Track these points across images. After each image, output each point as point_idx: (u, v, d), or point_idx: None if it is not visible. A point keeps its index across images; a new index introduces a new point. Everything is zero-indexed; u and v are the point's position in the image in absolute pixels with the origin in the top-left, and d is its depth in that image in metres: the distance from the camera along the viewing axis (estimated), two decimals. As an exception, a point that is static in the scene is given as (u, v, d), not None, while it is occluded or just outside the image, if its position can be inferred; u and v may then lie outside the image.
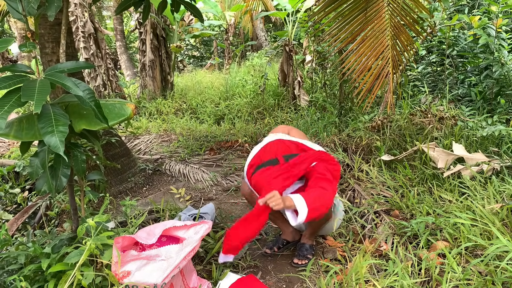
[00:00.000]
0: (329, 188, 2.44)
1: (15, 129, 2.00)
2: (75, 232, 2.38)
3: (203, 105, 8.21)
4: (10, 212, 4.68)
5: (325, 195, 2.41)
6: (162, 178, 4.75)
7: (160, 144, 6.18)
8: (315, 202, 2.35)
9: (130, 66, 12.83)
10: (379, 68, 3.37)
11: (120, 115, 2.09)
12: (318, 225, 2.78)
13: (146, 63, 8.86)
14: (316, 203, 2.35)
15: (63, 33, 2.25)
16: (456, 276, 2.18)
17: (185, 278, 2.37)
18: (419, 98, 5.28)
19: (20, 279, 2.02)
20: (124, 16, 17.72)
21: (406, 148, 4.06)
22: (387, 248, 2.72)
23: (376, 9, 3.40)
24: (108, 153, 4.22)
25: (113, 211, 3.88)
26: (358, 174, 3.88)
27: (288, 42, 7.11)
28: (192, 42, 18.72)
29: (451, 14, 5.68)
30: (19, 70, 1.79)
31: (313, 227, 2.81)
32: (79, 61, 2.20)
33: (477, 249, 2.48)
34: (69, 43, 3.84)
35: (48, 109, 1.71)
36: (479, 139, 3.83)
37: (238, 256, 2.90)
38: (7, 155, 5.90)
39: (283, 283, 2.64)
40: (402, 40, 3.46)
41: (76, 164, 2.10)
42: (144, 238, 2.24)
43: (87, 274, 2.02)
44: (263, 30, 16.64)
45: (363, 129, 4.68)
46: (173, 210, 3.57)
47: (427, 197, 3.19)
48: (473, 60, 5.16)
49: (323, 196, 2.40)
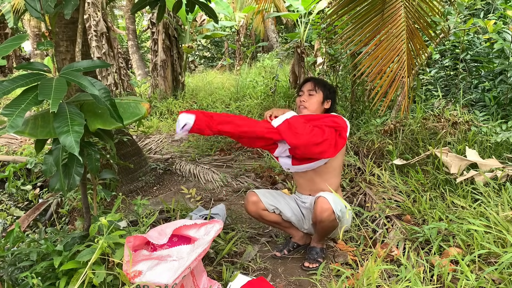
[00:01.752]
0: (321, 133, 2.55)
1: (31, 126, 2.01)
2: (87, 230, 2.39)
3: (213, 106, 8.22)
4: (22, 209, 4.72)
5: (314, 131, 2.55)
6: (172, 178, 4.76)
7: (171, 144, 6.20)
8: (299, 127, 2.53)
9: (141, 66, 12.88)
10: (394, 72, 3.35)
11: (135, 114, 2.09)
12: (324, 232, 2.78)
13: (157, 63, 8.89)
14: (300, 129, 2.52)
15: (79, 31, 2.27)
16: (470, 284, 2.15)
17: (196, 279, 2.37)
18: (432, 103, 5.23)
19: (32, 276, 2.03)
20: (136, 15, 17.81)
21: (418, 152, 4.02)
22: (398, 253, 2.70)
23: (392, 11, 3.37)
24: (120, 152, 4.24)
25: (125, 210, 3.89)
26: (370, 178, 3.85)
27: (300, 44, 7.10)
28: (203, 43, 18.77)
29: (466, 18, 5.62)
30: (36, 68, 1.80)
31: (319, 233, 2.81)
32: (94, 60, 2.21)
33: (491, 256, 2.45)
34: (83, 42, 3.86)
35: (64, 108, 1.72)
36: (493, 145, 3.78)
37: (248, 258, 2.90)
38: (19, 152, 5.96)
39: (293, 286, 2.62)
40: (415, 44, 3.43)
41: (90, 163, 2.10)
42: (155, 238, 2.24)
43: (99, 273, 2.03)
44: (274, 32, 16.63)
45: (375, 132, 4.65)
46: (183, 210, 3.58)
47: (439, 203, 3.15)
48: (488, 65, 5.11)
49: (312, 131, 2.54)
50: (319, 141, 2.54)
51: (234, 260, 2.88)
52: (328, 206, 2.55)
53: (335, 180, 2.84)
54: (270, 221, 2.91)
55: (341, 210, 2.61)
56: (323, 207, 2.57)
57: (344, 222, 2.74)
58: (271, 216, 2.86)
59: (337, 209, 2.57)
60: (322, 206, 2.57)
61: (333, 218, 2.58)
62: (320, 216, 2.59)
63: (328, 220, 2.59)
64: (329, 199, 2.57)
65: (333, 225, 2.67)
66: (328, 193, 2.64)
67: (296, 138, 2.52)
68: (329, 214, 2.56)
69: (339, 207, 2.59)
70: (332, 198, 2.59)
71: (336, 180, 2.85)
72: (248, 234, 3.28)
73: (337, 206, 2.58)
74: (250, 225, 3.51)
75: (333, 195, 2.63)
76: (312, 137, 2.52)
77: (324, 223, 2.63)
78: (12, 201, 4.98)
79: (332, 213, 2.56)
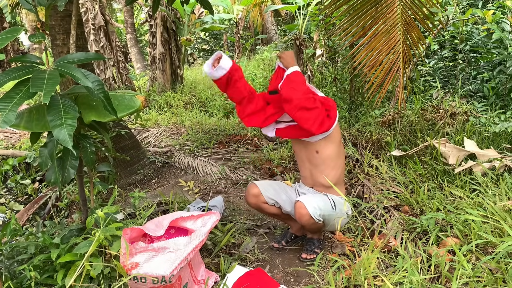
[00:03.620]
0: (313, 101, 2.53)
1: (26, 119, 2.01)
2: (84, 223, 2.40)
3: (212, 99, 8.20)
4: (21, 203, 4.73)
5: (308, 95, 2.52)
6: (171, 171, 4.76)
7: (170, 137, 6.19)
8: (297, 83, 2.53)
9: (140, 59, 12.84)
10: (390, 63, 3.33)
11: (129, 107, 2.09)
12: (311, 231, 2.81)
13: (156, 56, 8.85)
14: (296, 85, 2.52)
15: (74, 24, 2.25)
16: (466, 273, 2.15)
17: (193, 270, 2.38)
18: (430, 93, 5.22)
19: (29, 269, 2.04)
20: (134, 8, 17.73)
21: (416, 143, 4.02)
22: (396, 244, 2.70)
23: (388, 3, 3.36)
24: (118, 145, 4.23)
25: (122, 202, 3.89)
26: (368, 169, 3.85)
27: (299, 36, 7.06)
28: (202, 36, 18.69)
29: (465, 8, 5.59)
30: (29, 61, 1.79)
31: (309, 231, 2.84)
32: (89, 52, 2.20)
33: (488, 246, 2.45)
34: (79, 35, 3.85)
35: (57, 101, 1.71)
36: (491, 135, 3.78)
37: (246, 249, 2.90)
38: (18, 146, 5.95)
39: (291, 277, 2.63)
40: (412, 36, 3.42)
41: (86, 156, 2.10)
42: (152, 230, 2.25)
43: (96, 265, 2.03)
44: (273, 24, 16.53)
45: (373, 124, 4.64)
46: (182, 203, 3.58)
47: (437, 193, 3.15)
48: (486, 56, 5.08)
49: (307, 93, 2.52)
50: (309, 107, 2.49)
51: (232, 252, 2.88)
52: (305, 212, 2.55)
53: (333, 172, 2.74)
54: (270, 213, 2.91)
55: (321, 214, 2.58)
56: (301, 213, 2.57)
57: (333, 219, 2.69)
58: (271, 209, 2.86)
59: (315, 213, 2.55)
60: (300, 212, 2.57)
61: (312, 221, 2.57)
62: (300, 221, 2.62)
63: (308, 224, 2.60)
64: (306, 204, 2.55)
65: (317, 227, 2.68)
66: (309, 197, 2.64)
67: (291, 92, 2.50)
68: (308, 219, 2.56)
69: (318, 211, 2.56)
70: (311, 202, 2.57)
71: (333, 172, 2.75)
72: (246, 225, 3.28)
73: (315, 210, 2.55)
74: (248, 216, 3.52)
75: (316, 198, 2.64)
76: (306, 99, 2.49)
77: (306, 226, 2.66)
78: (12, 195, 4.99)
79: (310, 217, 2.55)
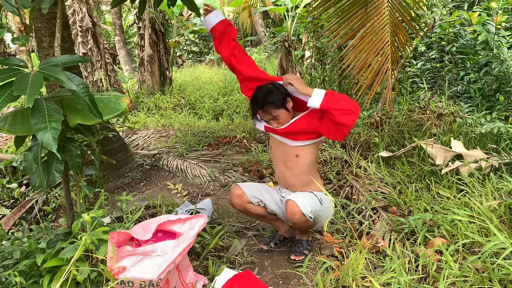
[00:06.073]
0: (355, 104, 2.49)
1: (10, 123, 1.98)
2: (70, 227, 2.37)
3: (201, 101, 8.18)
4: (7, 207, 4.67)
5: (353, 101, 2.48)
6: (159, 174, 4.74)
7: (158, 140, 6.17)
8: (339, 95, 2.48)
9: (129, 61, 12.77)
10: (379, 65, 3.35)
11: (115, 109, 2.07)
12: (301, 230, 2.81)
13: (144, 58, 8.82)
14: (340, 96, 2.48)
15: (58, 26, 2.23)
16: (453, 273, 2.17)
17: (181, 274, 2.36)
18: (418, 95, 5.25)
19: (15, 274, 2.01)
20: (123, 10, 17.63)
21: (404, 144, 4.04)
22: (384, 244, 2.71)
23: (376, 5, 3.38)
24: (105, 148, 4.20)
25: (109, 206, 3.86)
26: (356, 171, 3.86)
27: (288, 38, 7.07)
28: (191, 37, 18.65)
29: (451, 10, 5.65)
30: (12, 64, 1.76)
31: (299, 231, 2.84)
32: (74, 55, 2.18)
33: (475, 246, 2.47)
34: (65, 37, 3.82)
35: (41, 104, 1.69)
36: (478, 136, 3.81)
37: (235, 252, 2.90)
38: (5, 149, 5.88)
39: (279, 279, 2.63)
40: (400, 38, 3.44)
41: (71, 159, 2.08)
42: (139, 234, 2.23)
43: (82, 270, 2.01)
44: (262, 26, 16.57)
45: (361, 125, 4.66)
46: (170, 206, 3.56)
47: (425, 194, 3.17)
48: (473, 57, 5.14)
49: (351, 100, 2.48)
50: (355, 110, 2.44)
51: (220, 255, 2.87)
52: (297, 210, 2.55)
53: (307, 177, 2.74)
54: (256, 214, 2.90)
55: (312, 210, 2.59)
56: (293, 211, 2.57)
57: (323, 216, 2.72)
58: (256, 209, 2.86)
59: (307, 210, 2.56)
60: (292, 210, 2.57)
61: (305, 219, 2.58)
62: (292, 219, 2.61)
63: (300, 222, 2.60)
64: (298, 202, 2.56)
65: (308, 225, 2.68)
66: (299, 195, 2.64)
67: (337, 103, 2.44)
68: (300, 216, 2.56)
69: (309, 207, 2.58)
70: (302, 200, 2.58)
71: (306, 177, 2.75)
72: (235, 228, 3.28)
73: (307, 208, 2.57)
74: (237, 219, 3.51)
75: (304, 196, 2.64)
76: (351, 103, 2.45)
77: (298, 225, 2.65)
78: (-2, 199, 4.93)
79: (303, 215, 2.55)
